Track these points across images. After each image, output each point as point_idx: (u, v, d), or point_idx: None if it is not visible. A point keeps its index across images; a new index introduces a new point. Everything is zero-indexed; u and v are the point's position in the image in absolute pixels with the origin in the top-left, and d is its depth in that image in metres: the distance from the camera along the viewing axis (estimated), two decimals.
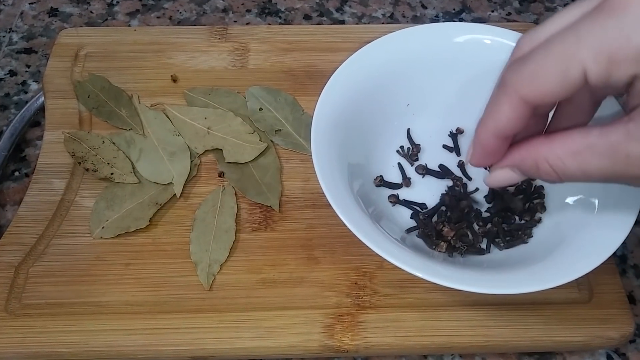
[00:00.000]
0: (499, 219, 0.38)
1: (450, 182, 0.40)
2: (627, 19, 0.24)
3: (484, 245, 0.38)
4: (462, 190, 0.40)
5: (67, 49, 0.47)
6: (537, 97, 0.26)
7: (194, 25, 0.53)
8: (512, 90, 0.27)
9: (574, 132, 0.27)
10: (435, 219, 0.39)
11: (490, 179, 0.31)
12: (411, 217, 0.39)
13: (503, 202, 0.39)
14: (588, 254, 0.33)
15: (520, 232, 0.38)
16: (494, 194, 0.39)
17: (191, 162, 0.42)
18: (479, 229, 0.38)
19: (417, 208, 0.39)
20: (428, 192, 0.40)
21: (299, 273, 0.37)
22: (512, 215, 0.39)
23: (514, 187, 0.39)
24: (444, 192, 0.40)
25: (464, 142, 0.42)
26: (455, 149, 0.42)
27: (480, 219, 0.39)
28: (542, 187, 0.40)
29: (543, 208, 0.39)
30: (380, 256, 0.31)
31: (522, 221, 0.38)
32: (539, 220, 0.38)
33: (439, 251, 0.37)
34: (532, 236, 0.38)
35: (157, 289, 0.37)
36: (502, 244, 0.37)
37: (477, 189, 0.40)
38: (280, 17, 0.54)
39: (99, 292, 0.37)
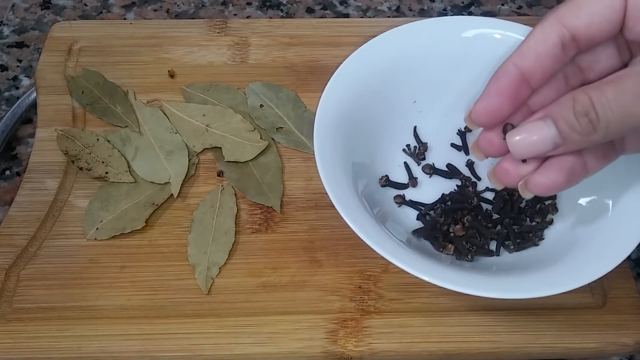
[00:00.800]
0: (509, 220, 0.37)
1: (458, 182, 0.40)
2: None
3: (492, 247, 0.37)
4: (471, 190, 0.39)
5: (60, 43, 0.47)
6: (582, 24, 0.26)
7: (192, 18, 0.53)
8: (554, 19, 0.27)
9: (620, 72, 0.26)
10: (442, 219, 0.38)
11: (515, 141, 0.27)
12: (417, 219, 0.38)
13: (512, 209, 0.38)
14: (601, 257, 0.32)
15: (531, 234, 0.37)
16: (503, 202, 0.38)
17: (189, 160, 0.41)
18: (488, 231, 0.37)
19: (424, 209, 0.38)
20: (435, 192, 0.39)
21: (300, 276, 0.37)
22: (522, 216, 0.38)
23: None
24: (450, 192, 0.39)
25: (473, 141, 0.41)
26: (463, 147, 0.41)
27: (489, 220, 0.38)
28: None
29: (555, 209, 0.38)
30: (385, 259, 0.31)
31: (533, 223, 0.38)
32: (551, 222, 0.38)
33: (446, 253, 0.36)
34: (543, 238, 0.37)
35: (154, 293, 0.36)
36: (512, 247, 0.37)
37: (486, 189, 0.39)
38: (281, 11, 0.54)
39: (93, 295, 0.36)
